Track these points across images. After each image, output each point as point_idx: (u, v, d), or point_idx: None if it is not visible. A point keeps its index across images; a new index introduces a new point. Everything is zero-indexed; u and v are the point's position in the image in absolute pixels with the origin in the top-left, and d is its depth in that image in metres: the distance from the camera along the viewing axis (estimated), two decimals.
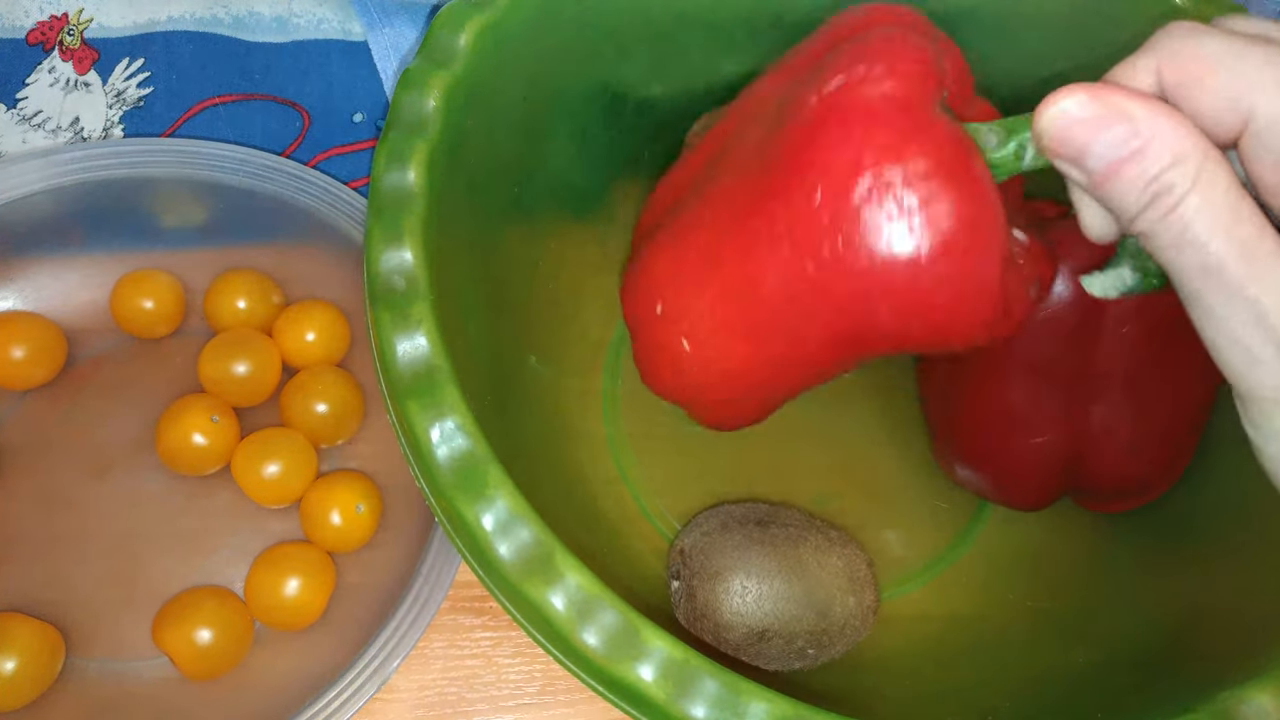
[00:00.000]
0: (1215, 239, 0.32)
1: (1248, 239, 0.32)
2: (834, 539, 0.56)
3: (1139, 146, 0.33)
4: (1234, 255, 0.32)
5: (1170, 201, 0.33)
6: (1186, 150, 0.33)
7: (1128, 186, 0.34)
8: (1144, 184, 0.33)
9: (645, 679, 0.38)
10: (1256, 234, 0.32)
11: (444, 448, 0.41)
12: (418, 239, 0.45)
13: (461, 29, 0.49)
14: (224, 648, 0.56)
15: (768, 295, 0.43)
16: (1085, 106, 0.34)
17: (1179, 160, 0.32)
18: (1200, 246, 0.32)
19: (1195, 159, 0.32)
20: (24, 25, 0.76)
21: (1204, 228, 0.32)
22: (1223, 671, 0.43)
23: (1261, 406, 0.33)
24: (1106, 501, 0.57)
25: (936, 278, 0.39)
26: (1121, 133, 0.33)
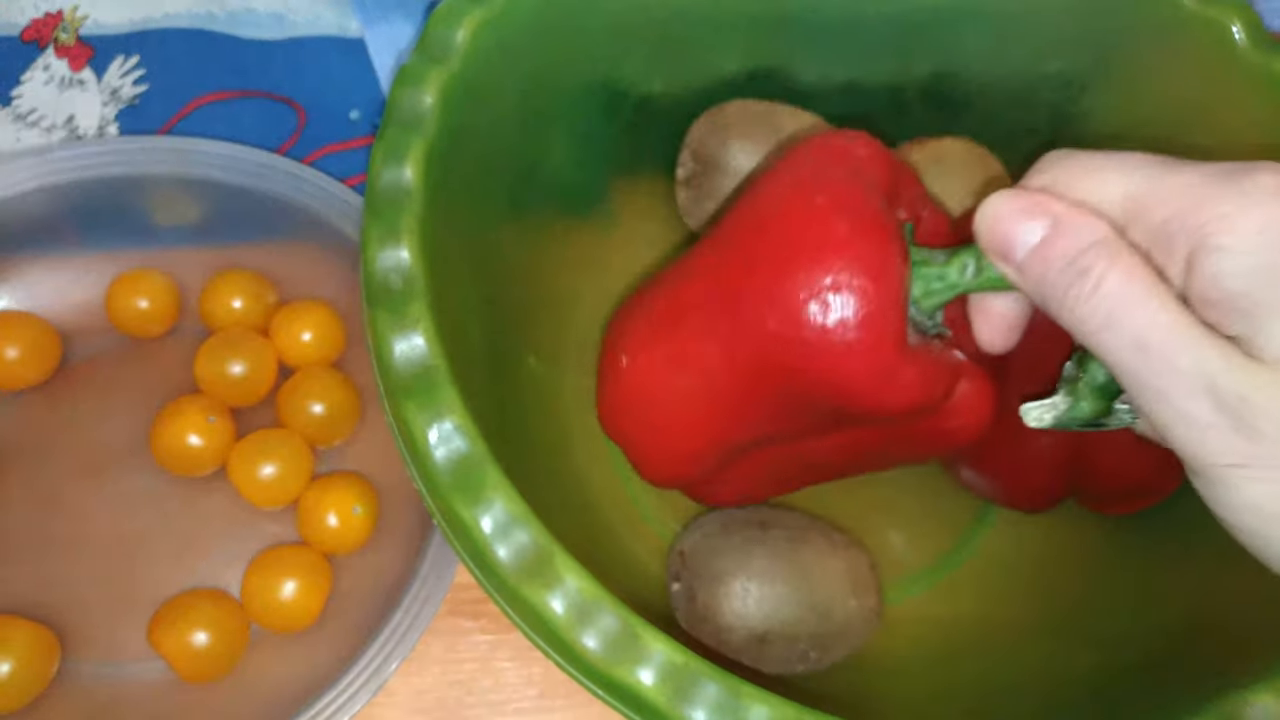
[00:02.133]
0: (1140, 314, 0.35)
1: (1171, 312, 0.35)
2: (836, 541, 0.56)
3: (1057, 233, 0.37)
4: (1162, 328, 0.35)
5: (1092, 281, 0.36)
6: (1101, 235, 0.36)
7: (1051, 271, 0.37)
8: (1064, 266, 0.37)
9: (645, 682, 0.38)
10: (1177, 307, 0.35)
11: (442, 449, 0.41)
12: (415, 238, 0.44)
13: (459, 25, 0.49)
14: (220, 650, 0.56)
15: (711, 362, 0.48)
16: (1010, 202, 0.39)
17: (1095, 244, 0.36)
18: (1128, 324, 0.35)
19: (1109, 243, 0.36)
20: (18, 22, 0.76)
21: (1128, 304, 0.35)
22: (1228, 674, 0.43)
23: (1221, 478, 0.35)
24: (1111, 503, 0.57)
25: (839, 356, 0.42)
26: (1042, 222, 0.38)
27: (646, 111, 0.62)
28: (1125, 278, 0.35)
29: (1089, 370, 0.42)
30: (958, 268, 0.43)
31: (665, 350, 0.50)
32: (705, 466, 0.52)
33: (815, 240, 0.43)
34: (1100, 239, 0.36)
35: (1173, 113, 0.59)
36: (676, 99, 0.62)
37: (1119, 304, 0.35)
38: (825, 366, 0.43)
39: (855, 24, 0.61)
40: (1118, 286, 0.35)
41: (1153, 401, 0.35)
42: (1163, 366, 0.34)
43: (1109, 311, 0.35)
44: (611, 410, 0.54)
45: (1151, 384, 0.35)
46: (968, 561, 0.61)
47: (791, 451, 0.51)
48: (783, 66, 0.63)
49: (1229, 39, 0.55)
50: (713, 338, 0.47)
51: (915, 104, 0.64)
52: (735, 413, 0.48)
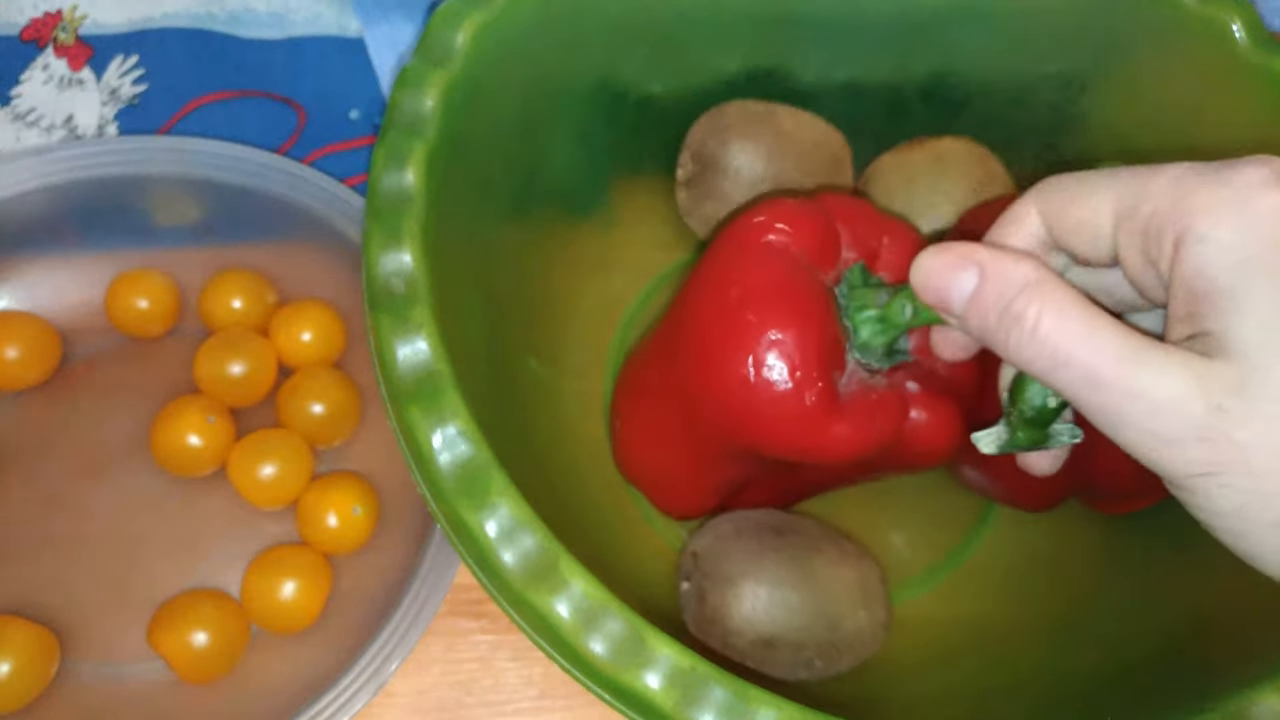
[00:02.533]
0: (1085, 349, 0.35)
1: (1115, 339, 0.35)
2: (849, 551, 0.56)
3: (985, 281, 0.38)
4: (1107, 359, 0.35)
5: (1029, 325, 0.36)
6: (1028, 277, 0.37)
7: (987, 319, 0.38)
8: (999, 314, 0.38)
9: (652, 687, 0.38)
10: (1118, 334, 0.35)
11: (446, 454, 0.41)
12: (417, 241, 0.44)
13: (459, 27, 0.49)
14: (219, 651, 0.56)
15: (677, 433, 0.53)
16: (938, 257, 0.40)
17: (1025, 288, 0.37)
18: (1075, 361, 0.35)
19: (1039, 283, 0.37)
20: (18, 22, 0.76)
21: (1070, 341, 0.36)
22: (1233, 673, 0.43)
23: (1196, 488, 0.35)
24: (1114, 502, 0.57)
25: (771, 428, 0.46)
26: (971, 274, 0.39)
27: (647, 113, 0.62)
28: (1059, 316, 0.36)
29: (1019, 403, 0.43)
30: (898, 308, 0.45)
31: (643, 419, 0.57)
32: (708, 504, 0.57)
33: (731, 335, 0.46)
34: (1029, 281, 0.37)
35: (1173, 112, 0.59)
36: (676, 100, 0.62)
37: (1060, 343, 0.36)
38: (764, 439, 0.47)
39: (855, 24, 0.61)
40: (1054, 325, 0.36)
41: (1117, 428, 0.35)
42: (1118, 395, 0.35)
43: (1052, 352, 0.36)
44: (621, 462, 0.60)
45: (1111, 413, 0.35)
46: (969, 562, 0.61)
47: (781, 482, 0.55)
48: (783, 67, 0.63)
49: (1229, 38, 0.55)
50: (673, 414, 0.53)
51: (915, 104, 0.64)
52: (711, 467, 0.54)
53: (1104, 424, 0.36)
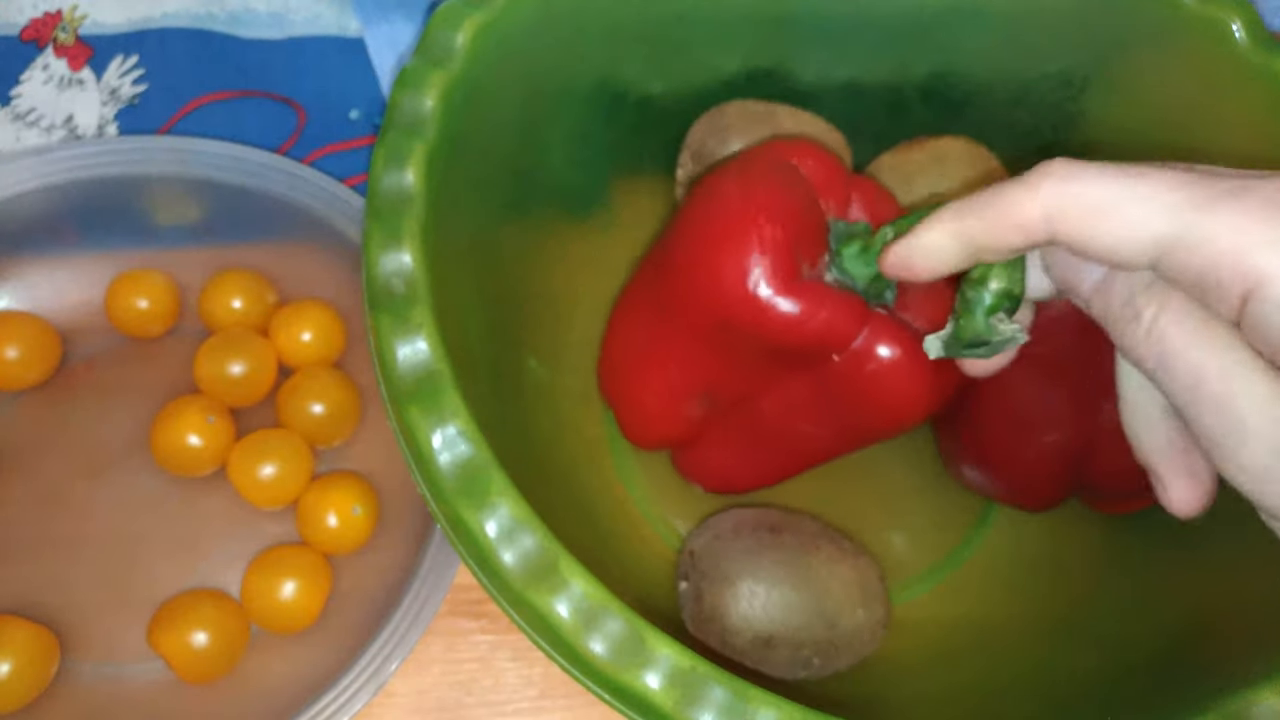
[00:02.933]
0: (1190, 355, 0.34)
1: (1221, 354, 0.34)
2: (847, 550, 0.56)
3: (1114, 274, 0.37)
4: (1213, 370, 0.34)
5: (1145, 325, 0.35)
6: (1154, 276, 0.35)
7: (1110, 307, 0.37)
8: (1122, 304, 0.37)
9: (652, 687, 0.38)
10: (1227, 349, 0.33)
11: (446, 454, 0.41)
12: (417, 241, 0.44)
13: (459, 27, 0.49)
14: (219, 651, 0.56)
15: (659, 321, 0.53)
16: None
17: (1147, 286, 0.36)
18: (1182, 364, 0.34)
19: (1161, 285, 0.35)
20: (18, 22, 0.76)
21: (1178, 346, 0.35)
22: (1234, 673, 0.43)
23: None
24: (1115, 502, 0.57)
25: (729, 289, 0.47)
26: None
27: (646, 112, 0.62)
28: (1175, 318, 0.35)
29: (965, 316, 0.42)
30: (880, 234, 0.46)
31: (622, 332, 0.57)
32: (676, 425, 0.56)
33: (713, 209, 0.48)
34: (1155, 279, 0.36)
35: (1173, 112, 0.59)
36: (676, 100, 0.62)
37: (1171, 346, 0.35)
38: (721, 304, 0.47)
39: (855, 24, 0.61)
40: (1168, 325, 0.35)
41: (1213, 448, 0.34)
42: (1218, 413, 0.34)
43: (1161, 353, 0.35)
44: (601, 375, 0.60)
45: (1208, 428, 0.34)
46: (969, 562, 0.61)
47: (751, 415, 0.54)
48: (782, 67, 0.63)
49: (1229, 38, 0.55)
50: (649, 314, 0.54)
51: (915, 104, 0.64)
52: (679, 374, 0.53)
53: (1204, 441, 0.35)
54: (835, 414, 0.51)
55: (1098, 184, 0.35)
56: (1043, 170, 0.36)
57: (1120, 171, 0.35)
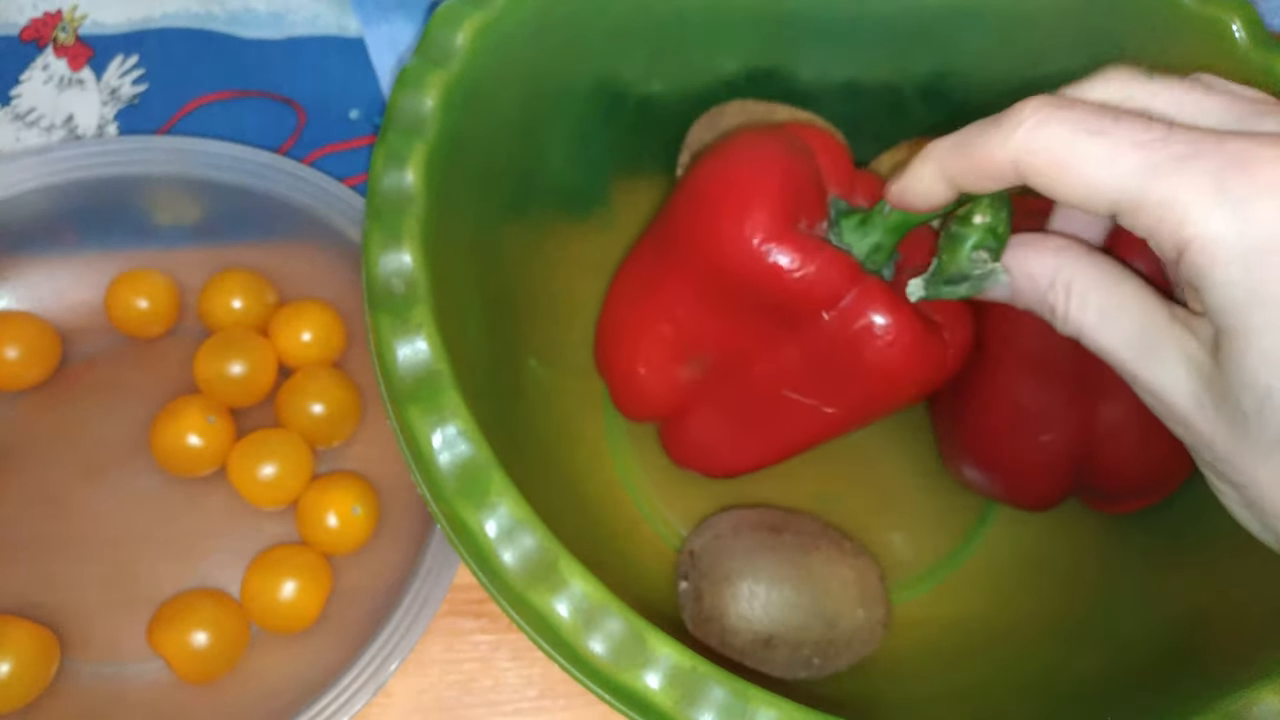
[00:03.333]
0: (1098, 338, 0.38)
1: (1129, 328, 0.37)
2: (847, 549, 0.56)
3: (1020, 287, 0.41)
4: (1120, 344, 0.38)
5: (1059, 315, 0.39)
6: (1051, 273, 0.40)
7: (1029, 306, 0.41)
8: (1037, 304, 0.41)
9: (652, 687, 0.38)
10: (1136, 321, 0.37)
11: (446, 454, 0.41)
12: (417, 241, 0.44)
13: (459, 27, 0.49)
14: (219, 651, 0.56)
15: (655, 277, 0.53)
16: None
17: (1050, 285, 0.40)
18: (1094, 344, 0.38)
19: (1061, 277, 0.39)
20: (18, 22, 0.76)
21: (1088, 331, 0.39)
22: (1232, 672, 0.43)
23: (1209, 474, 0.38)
24: (1114, 501, 0.57)
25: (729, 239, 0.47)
26: (1004, 284, 0.42)
27: (646, 112, 0.62)
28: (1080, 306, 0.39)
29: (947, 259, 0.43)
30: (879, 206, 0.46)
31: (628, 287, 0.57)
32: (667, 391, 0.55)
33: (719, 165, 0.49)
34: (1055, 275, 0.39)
35: None
36: (676, 100, 0.62)
37: (1082, 331, 0.39)
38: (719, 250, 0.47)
39: (854, 24, 0.61)
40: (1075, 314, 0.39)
41: (1148, 400, 0.38)
42: (1132, 380, 0.38)
43: (1079, 336, 0.39)
44: (596, 348, 0.59)
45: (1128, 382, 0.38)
46: (969, 562, 0.61)
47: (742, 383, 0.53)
48: (782, 67, 0.63)
49: (1229, 37, 0.55)
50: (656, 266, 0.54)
51: (914, 103, 0.64)
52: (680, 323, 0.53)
53: (1141, 394, 0.38)
54: (825, 380, 0.50)
55: (1062, 139, 0.36)
56: (1016, 116, 0.37)
57: (1088, 125, 0.36)
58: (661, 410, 0.57)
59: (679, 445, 0.58)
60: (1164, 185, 0.34)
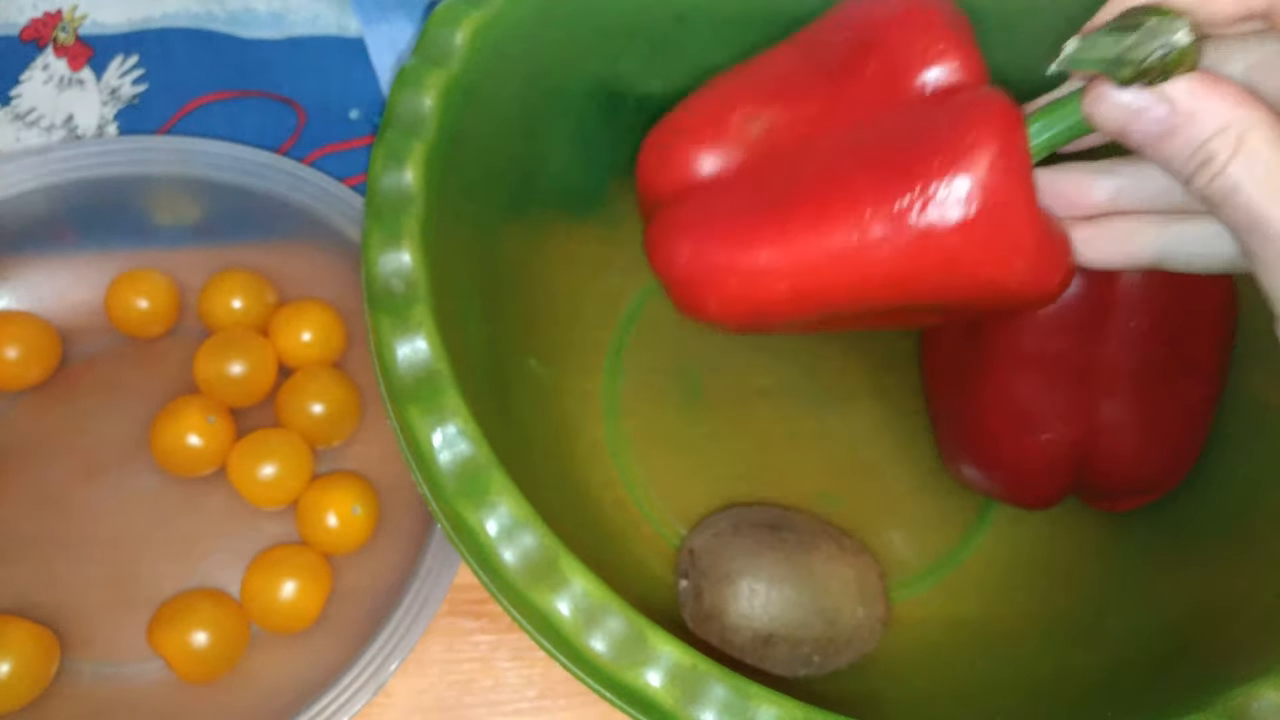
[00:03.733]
0: (1257, 197, 0.35)
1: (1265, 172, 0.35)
2: (846, 548, 0.56)
3: (1178, 124, 0.37)
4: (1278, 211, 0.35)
5: (1215, 168, 0.36)
6: (1228, 121, 0.36)
7: (1174, 154, 0.37)
8: (1189, 153, 0.37)
9: (653, 685, 0.38)
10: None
11: (446, 453, 0.41)
12: (416, 241, 0.44)
13: (458, 26, 0.49)
14: (219, 651, 0.56)
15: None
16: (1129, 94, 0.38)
17: (1221, 130, 0.36)
18: (1246, 205, 0.35)
19: (1236, 129, 0.36)
20: (18, 22, 0.76)
21: (1248, 188, 0.35)
22: (1232, 669, 0.43)
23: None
24: (1113, 499, 0.57)
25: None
26: (1161, 113, 0.37)
27: (646, 111, 0.61)
28: (1246, 165, 0.36)
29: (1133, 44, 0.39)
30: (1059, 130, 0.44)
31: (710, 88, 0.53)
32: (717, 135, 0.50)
33: None
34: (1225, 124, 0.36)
35: None
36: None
37: (1238, 188, 0.36)
38: None
39: None
40: (1237, 175, 0.36)
41: (1262, 271, 0.36)
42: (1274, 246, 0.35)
43: (1228, 194, 0.36)
44: None
45: (1262, 258, 0.36)
46: (969, 561, 0.61)
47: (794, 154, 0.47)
48: None
49: None
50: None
51: None
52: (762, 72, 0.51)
53: (1256, 267, 0.37)
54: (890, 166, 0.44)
55: None
56: None
57: None
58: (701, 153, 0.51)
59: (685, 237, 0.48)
60: None
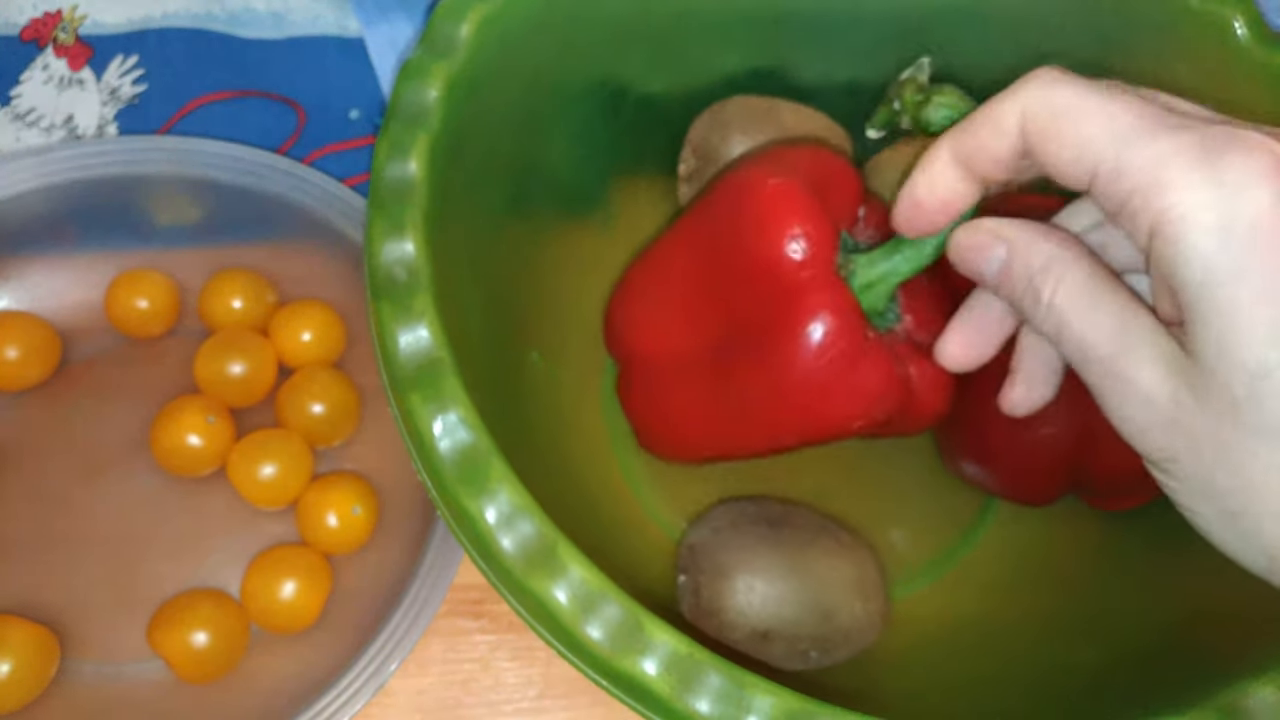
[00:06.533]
0: (1078, 328, 0.37)
1: (1110, 320, 0.37)
2: (846, 543, 0.56)
3: (1013, 258, 0.40)
4: (1101, 338, 0.37)
5: (1043, 301, 0.39)
6: (1047, 258, 0.39)
7: (1014, 289, 0.40)
8: (1022, 289, 0.40)
9: (649, 673, 0.38)
10: (1118, 317, 0.37)
11: (446, 440, 0.41)
12: (419, 231, 0.44)
13: (463, 20, 0.49)
14: (220, 651, 0.56)
15: None
16: (972, 234, 0.42)
17: (1043, 268, 0.39)
18: (1072, 336, 0.38)
19: (1056, 265, 0.39)
20: (18, 22, 0.76)
21: (1070, 320, 0.38)
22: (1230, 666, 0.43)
23: (1162, 471, 0.38)
24: (1113, 498, 0.57)
25: None
26: (1001, 249, 0.41)
27: (647, 110, 0.62)
28: (1066, 297, 0.38)
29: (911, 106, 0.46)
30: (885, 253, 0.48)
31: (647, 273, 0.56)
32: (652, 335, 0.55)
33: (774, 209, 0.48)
34: (1045, 263, 0.39)
35: None
36: (677, 97, 0.62)
37: (1063, 317, 0.38)
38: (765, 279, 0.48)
39: (856, 23, 0.61)
40: (1062, 300, 0.38)
41: (1098, 397, 0.38)
42: (1101, 373, 0.37)
43: (1057, 327, 0.38)
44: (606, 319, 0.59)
45: (1097, 390, 0.38)
46: (970, 557, 0.61)
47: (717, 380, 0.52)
48: (784, 65, 0.63)
49: (1231, 35, 0.55)
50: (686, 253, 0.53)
51: None
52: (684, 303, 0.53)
53: (1095, 398, 0.38)
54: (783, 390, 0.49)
55: (1069, 92, 0.37)
56: (1025, 78, 0.39)
57: (1092, 88, 0.37)
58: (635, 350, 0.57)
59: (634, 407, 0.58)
60: (1152, 149, 0.34)
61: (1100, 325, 0.37)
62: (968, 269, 0.43)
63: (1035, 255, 0.39)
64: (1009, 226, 0.41)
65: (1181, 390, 0.35)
